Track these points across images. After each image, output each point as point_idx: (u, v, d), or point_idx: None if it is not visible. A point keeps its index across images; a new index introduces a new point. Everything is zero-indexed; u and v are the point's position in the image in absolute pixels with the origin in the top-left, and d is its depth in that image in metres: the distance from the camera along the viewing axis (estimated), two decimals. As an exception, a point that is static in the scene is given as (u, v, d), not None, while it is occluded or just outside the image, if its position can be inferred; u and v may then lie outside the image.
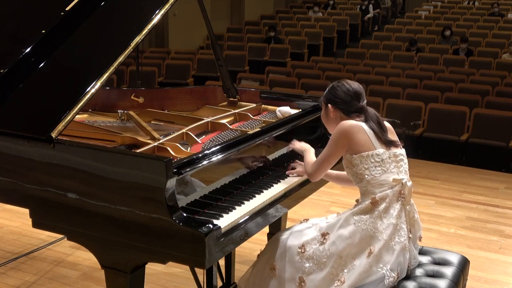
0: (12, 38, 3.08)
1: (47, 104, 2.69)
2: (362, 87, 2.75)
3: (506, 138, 6.90)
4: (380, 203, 2.51)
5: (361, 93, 2.68)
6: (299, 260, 2.55)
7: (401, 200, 2.53)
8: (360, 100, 2.67)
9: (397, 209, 2.51)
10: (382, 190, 2.53)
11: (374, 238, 2.47)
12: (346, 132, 2.56)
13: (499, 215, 5.06)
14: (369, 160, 2.54)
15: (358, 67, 9.87)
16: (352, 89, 2.67)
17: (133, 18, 3.01)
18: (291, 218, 4.02)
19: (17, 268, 3.86)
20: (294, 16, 14.88)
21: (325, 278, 2.48)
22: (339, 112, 2.68)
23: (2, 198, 2.70)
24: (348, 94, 2.66)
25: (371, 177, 2.54)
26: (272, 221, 2.74)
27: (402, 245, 2.50)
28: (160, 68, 10.40)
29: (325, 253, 2.49)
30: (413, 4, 16.78)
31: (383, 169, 2.54)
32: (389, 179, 2.54)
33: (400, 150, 2.64)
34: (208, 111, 3.47)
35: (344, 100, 2.66)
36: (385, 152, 2.56)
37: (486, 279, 3.89)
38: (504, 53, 10.49)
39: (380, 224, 2.48)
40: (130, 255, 2.34)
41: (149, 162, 2.25)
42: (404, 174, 2.59)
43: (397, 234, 2.50)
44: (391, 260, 2.46)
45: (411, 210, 2.60)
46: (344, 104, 2.66)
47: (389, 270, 2.45)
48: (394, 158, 2.58)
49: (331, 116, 2.70)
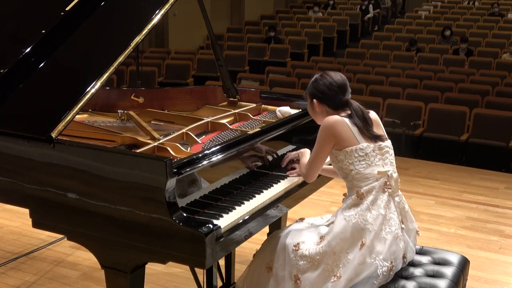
0: (12, 38, 3.08)
1: (47, 104, 2.69)
2: (346, 77, 2.70)
3: (506, 138, 6.90)
4: (366, 195, 2.52)
5: (345, 85, 2.64)
6: (294, 258, 2.55)
7: (387, 191, 2.54)
8: (345, 93, 2.64)
9: (384, 200, 2.53)
10: (368, 183, 2.54)
11: (365, 230, 2.47)
12: (331, 127, 2.55)
13: (499, 215, 5.06)
14: (353, 155, 2.54)
15: (358, 67, 9.87)
16: (336, 82, 2.63)
17: (133, 18, 3.01)
18: (291, 218, 4.01)
19: (17, 268, 3.86)
20: (294, 16, 14.88)
21: (320, 275, 2.48)
22: (324, 106, 2.66)
23: (2, 198, 2.70)
24: (331, 89, 2.62)
25: (356, 172, 2.55)
26: (272, 221, 2.74)
27: (393, 235, 2.51)
28: (160, 68, 10.40)
29: (319, 251, 2.50)
30: (413, 4, 16.78)
31: (367, 163, 2.54)
32: (374, 172, 2.54)
33: (386, 142, 2.63)
34: (208, 111, 3.47)
35: (328, 94, 2.63)
36: (369, 145, 2.55)
37: (486, 279, 3.88)
38: (504, 53, 10.49)
39: (369, 216, 2.49)
40: (130, 255, 2.34)
41: (149, 162, 2.25)
42: (389, 165, 2.59)
43: (387, 224, 2.51)
44: (383, 250, 2.47)
45: (400, 201, 2.61)
46: (329, 99, 2.64)
47: (382, 259, 2.46)
48: (378, 151, 2.58)
49: (317, 110, 2.69)
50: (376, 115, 2.71)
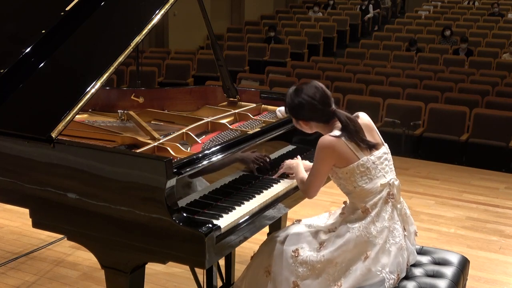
0: (12, 38, 3.08)
1: (47, 104, 2.69)
2: (322, 84, 2.53)
3: (506, 138, 6.90)
4: (372, 209, 2.48)
5: (326, 96, 2.49)
6: (293, 263, 2.52)
7: (391, 201, 2.50)
8: (330, 103, 2.49)
9: (388, 212, 2.49)
10: (372, 198, 2.49)
11: (369, 243, 2.44)
12: (329, 149, 2.45)
13: (499, 215, 5.06)
14: (355, 172, 2.46)
15: (358, 67, 9.87)
16: (316, 98, 2.47)
17: (133, 18, 3.01)
18: (291, 218, 4.01)
19: (17, 268, 3.86)
20: (294, 16, 14.87)
21: (321, 283, 2.45)
22: (313, 123, 2.55)
23: (2, 198, 2.70)
24: (314, 106, 2.47)
25: (360, 188, 2.49)
26: (272, 221, 2.74)
27: (398, 246, 2.49)
28: (160, 68, 10.40)
29: (320, 259, 2.47)
30: (413, 4, 16.77)
31: (369, 178, 2.48)
32: (377, 185, 2.49)
33: (382, 149, 2.55)
34: (208, 111, 3.47)
35: (313, 113, 2.50)
36: (368, 159, 2.47)
37: (486, 279, 3.88)
38: (504, 53, 10.49)
39: (373, 229, 2.45)
40: (130, 255, 2.34)
41: (149, 162, 2.25)
42: (390, 173, 2.54)
43: (391, 236, 2.48)
44: (388, 262, 2.44)
45: (402, 207, 2.59)
46: (315, 116, 2.51)
47: (388, 272, 2.43)
48: (378, 161, 2.51)
49: (305, 127, 2.58)
50: (366, 116, 2.60)
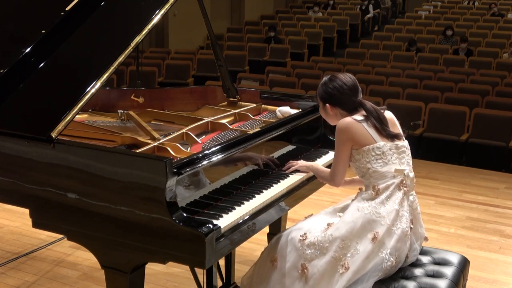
0: (12, 38, 3.08)
1: (47, 104, 2.69)
2: (354, 77, 2.69)
3: (506, 138, 6.90)
4: (383, 191, 2.54)
5: (356, 86, 2.64)
6: (300, 247, 2.55)
7: (403, 189, 2.56)
8: (357, 94, 2.64)
9: (399, 197, 2.55)
10: (385, 181, 2.56)
11: (377, 223, 2.48)
12: (345, 131, 2.56)
13: (499, 215, 5.06)
14: (370, 153, 2.55)
15: (358, 67, 9.87)
16: (346, 85, 2.62)
17: (133, 18, 3.01)
18: (291, 218, 4.02)
19: (17, 268, 3.86)
20: (294, 16, 14.87)
21: (328, 262, 2.48)
22: (338, 109, 2.66)
23: (2, 198, 2.70)
24: (343, 92, 2.62)
25: (373, 170, 2.56)
26: (272, 221, 2.74)
27: (403, 231, 2.52)
28: (160, 68, 10.40)
29: (328, 238, 2.50)
30: (413, 4, 16.78)
31: (384, 161, 2.56)
32: (391, 170, 2.56)
33: (403, 142, 2.65)
34: (208, 111, 3.47)
35: (340, 98, 2.63)
36: (385, 144, 2.57)
37: (486, 279, 3.88)
38: (504, 53, 10.49)
39: (382, 210, 2.51)
40: (130, 255, 2.34)
41: (149, 162, 2.24)
42: (406, 165, 2.61)
43: (399, 220, 2.53)
44: (390, 244, 2.49)
45: (414, 201, 2.64)
46: (342, 102, 2.64)
47: (388, 254, 2.48)
48: (395, 150, 2.59)
49: (331, 113, 2.69)
50: (392, 114, 2.71)
